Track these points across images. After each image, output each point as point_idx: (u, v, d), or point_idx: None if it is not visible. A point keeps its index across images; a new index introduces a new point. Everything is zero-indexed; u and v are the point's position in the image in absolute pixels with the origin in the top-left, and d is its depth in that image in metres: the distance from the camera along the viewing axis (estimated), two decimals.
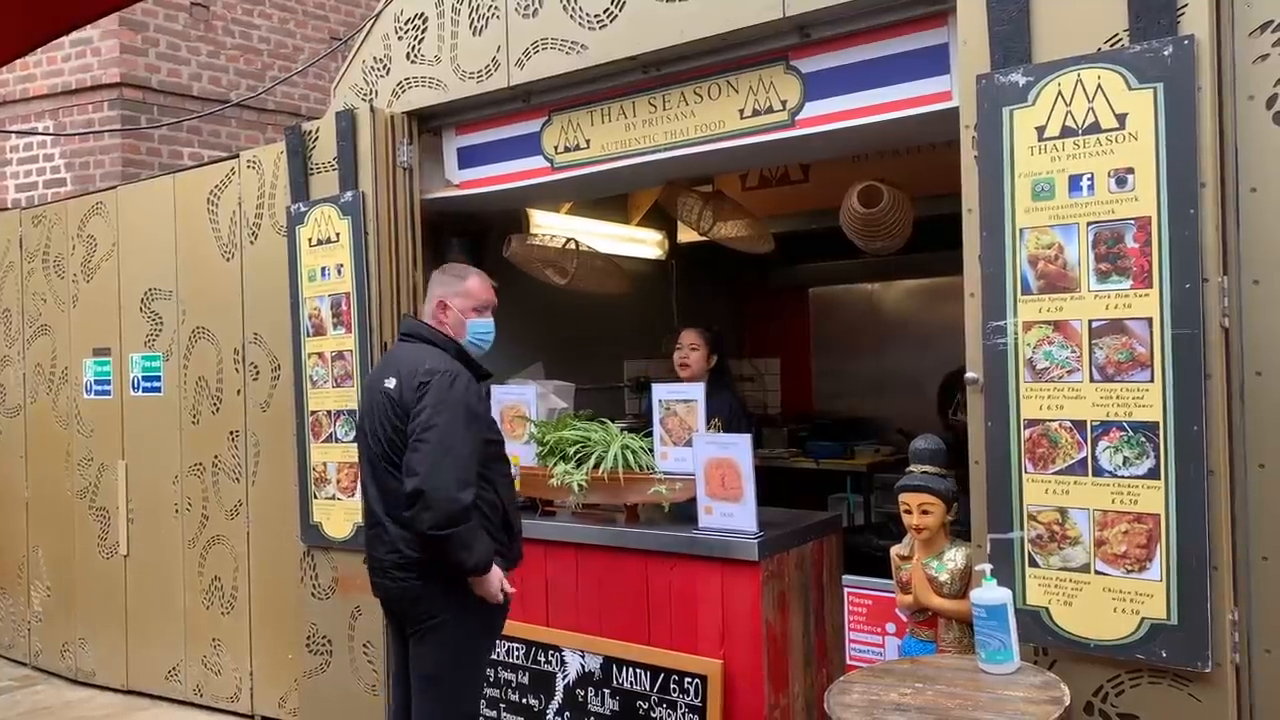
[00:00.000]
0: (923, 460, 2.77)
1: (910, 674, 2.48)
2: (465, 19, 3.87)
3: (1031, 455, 2.51)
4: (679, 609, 3.44)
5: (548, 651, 3.72)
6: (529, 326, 5.21)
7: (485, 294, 3.01)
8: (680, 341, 4.39)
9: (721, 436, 3.43)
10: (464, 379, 2.85)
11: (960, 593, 2.70)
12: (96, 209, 5.20)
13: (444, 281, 3.06)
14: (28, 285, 5.57)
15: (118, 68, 5.79)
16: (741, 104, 3.38)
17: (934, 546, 2.75)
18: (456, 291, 2.98)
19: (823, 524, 3.68)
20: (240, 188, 4.55)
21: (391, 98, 4.09)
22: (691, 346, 4.35)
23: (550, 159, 3.90)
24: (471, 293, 2.98)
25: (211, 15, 6.26)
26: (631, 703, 3.47)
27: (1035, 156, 2.49)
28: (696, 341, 4.35)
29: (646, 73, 3.53)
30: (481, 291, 3.00)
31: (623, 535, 3.58)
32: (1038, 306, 2.50)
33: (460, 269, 3.09)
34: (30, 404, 5.59)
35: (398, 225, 4.02)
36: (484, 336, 3.02)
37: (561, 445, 3.76)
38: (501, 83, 3.78)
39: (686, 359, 4.32)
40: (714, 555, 3.33)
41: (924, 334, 5.96)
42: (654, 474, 3.55)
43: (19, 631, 5.67)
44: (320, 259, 4.04)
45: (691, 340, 4.36)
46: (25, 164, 6.10)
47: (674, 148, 3.55)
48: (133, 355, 5.02)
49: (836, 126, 3.20)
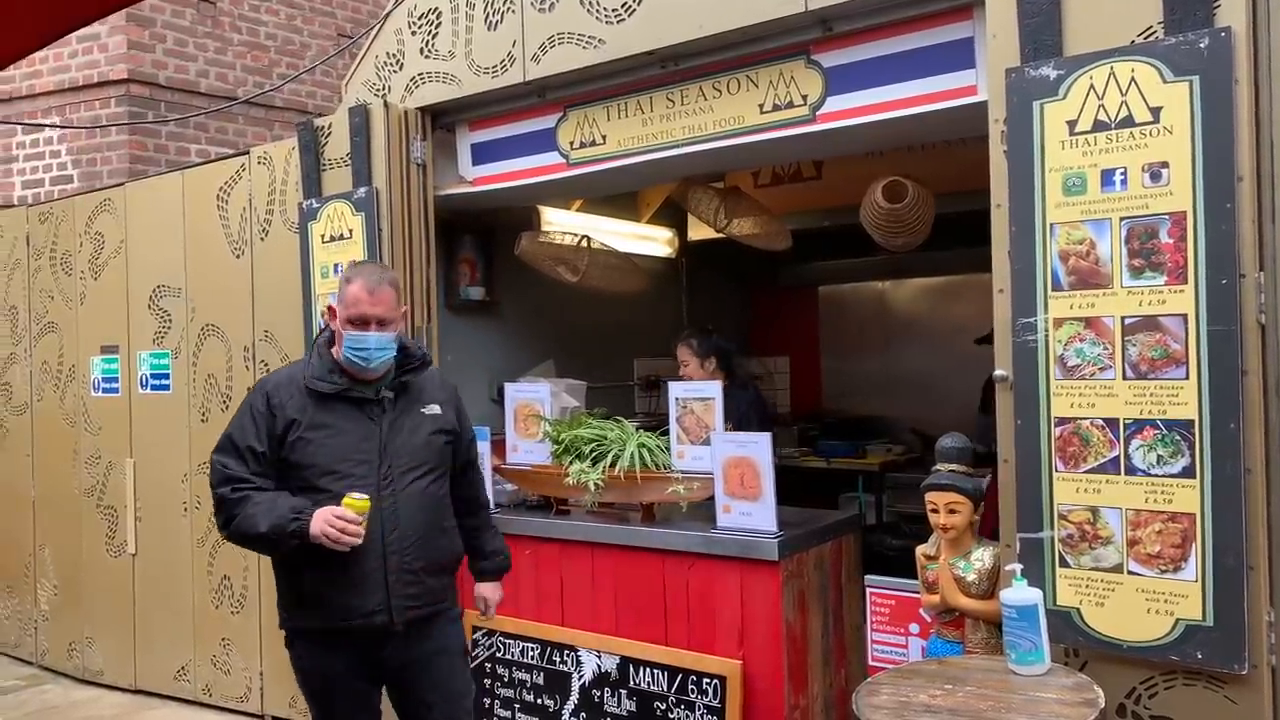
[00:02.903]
0: (949, 459, 2.74)
1: (939, 675, 2.45)
2: (480, 13, 3.83)
3: (1062, 454, 2.48)
4: (697, 609, 3.41)
5: (563, 651, 3.68)
6: (539, 324, 5.18)
7: (356, 306, 2.57)
8: (676, 357, 4.38)
9: (740, 435, 3.40)
10: (260, 389, 2.65)
11: (988, 593, 2.67)
12: (104, 206, 5.16)
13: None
14: (35, 282, 5.54)
15: (125, 64, 5.76)
16: (761, 99, 3.35)
17: (961, 546, 2.72)
18: (339, 297, 2.64)
19: (841, 523, 3.64)
20: (251, 184, 4.51)
21: (404, 93, 4.05)
22: (683, 363, 4.32)
23: (566, 155, 3.86)
24: (345, 300, 2.60)
25: (219, 11, 6.23)
26: (649, 703, 3.44)
27: (1066, 151, 2.46)
28: (685, 356, 4.32)
29: (664, 67, 3.50)
30: (354, 301, 2.57)
31: (639, 534, 3.54)
32: (1069, 303, 2.47)
33: (353, 270, 2.68)
34: (37, 402, 5.55)
35: (411, 222, 3.99)
36: (358, 353, 2.57)
37: (577, 444, 3.73)
38: (517, 78, 3.75)
39: (683, 374, 4.31)
40: (733, 555, 3.30)
41: (935, 333, 5.92)
42: (671, 473, 3.52)
43: (25, 630, 5.63)
44: (333, 255, 4.00)
45: (682, 356, 4.33)
46: (32, 160, 6.07)
47: (692, 143, 3.51)
48: (141, 353, 4.99)
49: (859, 121, 3.16)
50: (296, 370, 2.70)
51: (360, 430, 2.60)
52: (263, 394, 2.63)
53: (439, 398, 2.79)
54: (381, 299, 2.59)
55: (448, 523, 2.76)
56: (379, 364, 2.61)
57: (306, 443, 2.57)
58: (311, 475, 2.55)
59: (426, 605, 2.65)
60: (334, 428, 2.58)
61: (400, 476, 2.61)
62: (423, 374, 2.77)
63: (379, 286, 2.60)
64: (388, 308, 2.60)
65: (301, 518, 2.45)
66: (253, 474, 2.55)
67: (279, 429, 2.57)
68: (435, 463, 2.71)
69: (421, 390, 2.76)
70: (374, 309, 2.57)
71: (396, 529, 2.58)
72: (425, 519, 2.65)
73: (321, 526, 2.42)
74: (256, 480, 2.55)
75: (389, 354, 2.64)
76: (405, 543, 2.59)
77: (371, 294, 2.58)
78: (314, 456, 2.56)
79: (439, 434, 2.74)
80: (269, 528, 2.46)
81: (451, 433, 2.79)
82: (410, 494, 2.62)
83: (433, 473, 2.69)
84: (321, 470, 2.55)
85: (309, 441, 2.57)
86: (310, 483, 2.55)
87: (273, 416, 2.58)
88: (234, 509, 2.54)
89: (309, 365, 2.67)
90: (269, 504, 2.50)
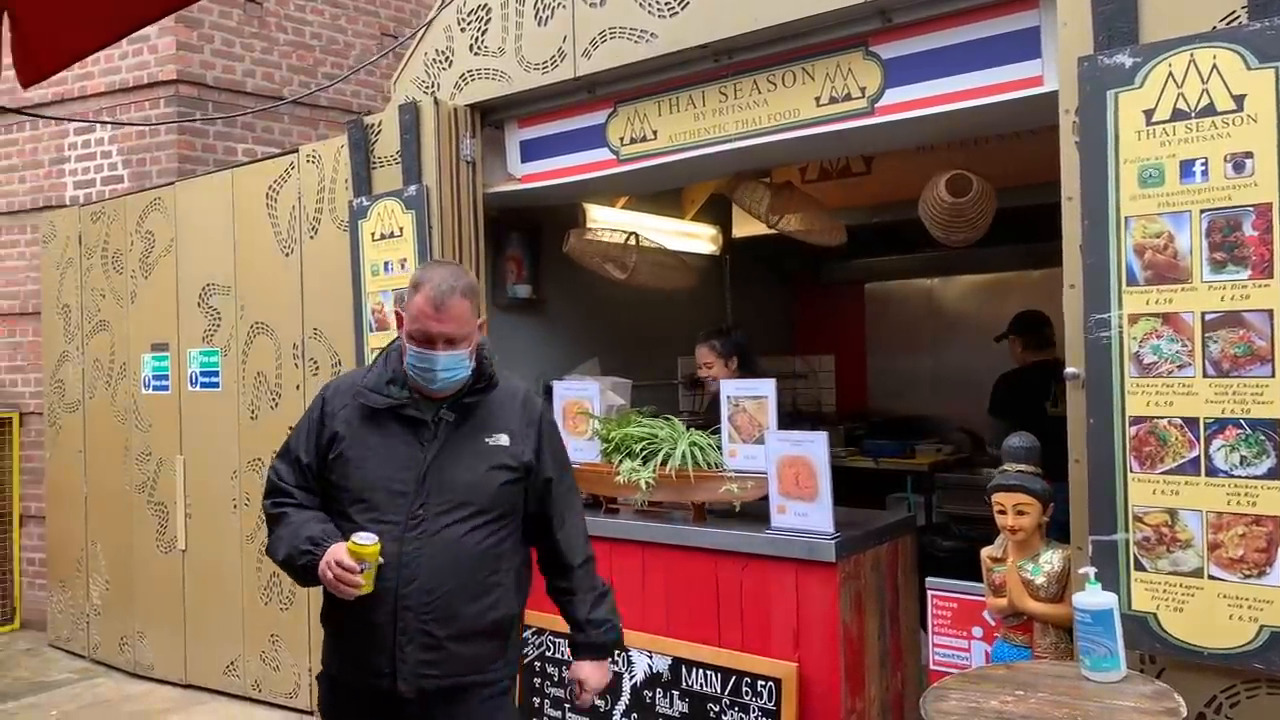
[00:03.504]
0: (1017, 459, 2.67)
1: (1008, 680, 2.38)
2: (530, 9, 3.81)
3: (1138, 454, 2.40)
4: (750, 610, 3.36)
5: None
6: (583, 322, 5.16)
7: (420, 322, 2.18)
8: (696, 360, 4.30)
9: (795, 434, 3.34)
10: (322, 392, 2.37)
11: (1057, 596, 2.60)
12: (155, 205, 5.21)
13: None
14: (86, 281, 5.60)
15: (174, 65, 5.80)
16: (818, 91, 3.29)
17: (1029, 549, 2.65)
18: (406, 305, 2.25)
19: (897, 525, 3.58)
20: (300, 182, 4.53)
21: (454, 90, 4.04)
22: (706, 365, 4.24)
23: (616, 151, 3.83)
24: (410, 311, 2.22)
25: (265, 11, 6.26)
26: (702, 705, 3.40)
27: (1143, 141, 2.38)
28: (709, 359, 4.22)
29: (717, 61, 3.46)
30: (417, 315, 2.19)
31: (692, 534, 3.50)
32: (1145, 298, 2.39)
33: (423, 273, 2.25)
34: (89, 399, 5.62)
35: (461, 220, 3.98)
36: (421, 372, 2.21)
37: (627, 442, 3.69)
38: (567, 73, 3.72)
39: (706, 376, 4.25)
40: (789, 556, 3.25)
41: (985, 331, 5.81)
42: (724, 472, 3.48)
43: (78, 625, 5.71)
44: (383, 253, 4.00)
45: (705, 358, 4.23)
46: (83, 161, 6.14)
47: (745, 137, 3.47)
48: (190, 350, 5.03)
49: (919, 114, 3.10)
50: (359, 377, 2.38)
51: (403, 455, 2.21)
52: (320, 399, 2.36)
53: (513, 425, 2.30)
54: (451, 313, 2.17)
55: (497, 578, 2.23)
56: (447, 385, 2.23)
57: (346, 462, 2.23)
58: (345, 501, 2.22)
59: (451, 675, 2.18)
60: (376, 448, 2.22)
61: (435, 517, 2.17)
62: (494, 394, 2.31)
63: (448, 299, 2.17)
64: (459, 324, 2.18)
65: (315, 552, 2.13)
66: (298, 486, 2.29)
67: (325, 440, 2.27)
68: (487, 505, 2.22)
69: (490, 415, 2.29)
70: (441, 326, 2.17)
71: (415, 581, 2.13)
72: (458, 573, 2.17)
73: (322, 569, 2.10)
74: (299, 495, 2.28)
75: (459, 375, 2.23)
76: (426, 599, 2.14)
77: (438, 309, 2.16)
78: (349, 479, 2.22)
79: (502, 470, 2.25)
80: (285, 556, 2.19)
81: (521, 469, 2.28)
82: (443, 540, 2.16)
83: (481, 516, 2.21)
84: (354, 496, 2.21)
85: (348, 461, 2.23)
86: (343, 509, 2.22)
87: (322, 425, 2.29)
88: (270, 526, 2.30)
89: (369, 373, 2.33)
90: (296, 528, 2.20)
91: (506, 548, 2.27)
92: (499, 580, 2.23)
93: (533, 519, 2.35)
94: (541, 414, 2.38)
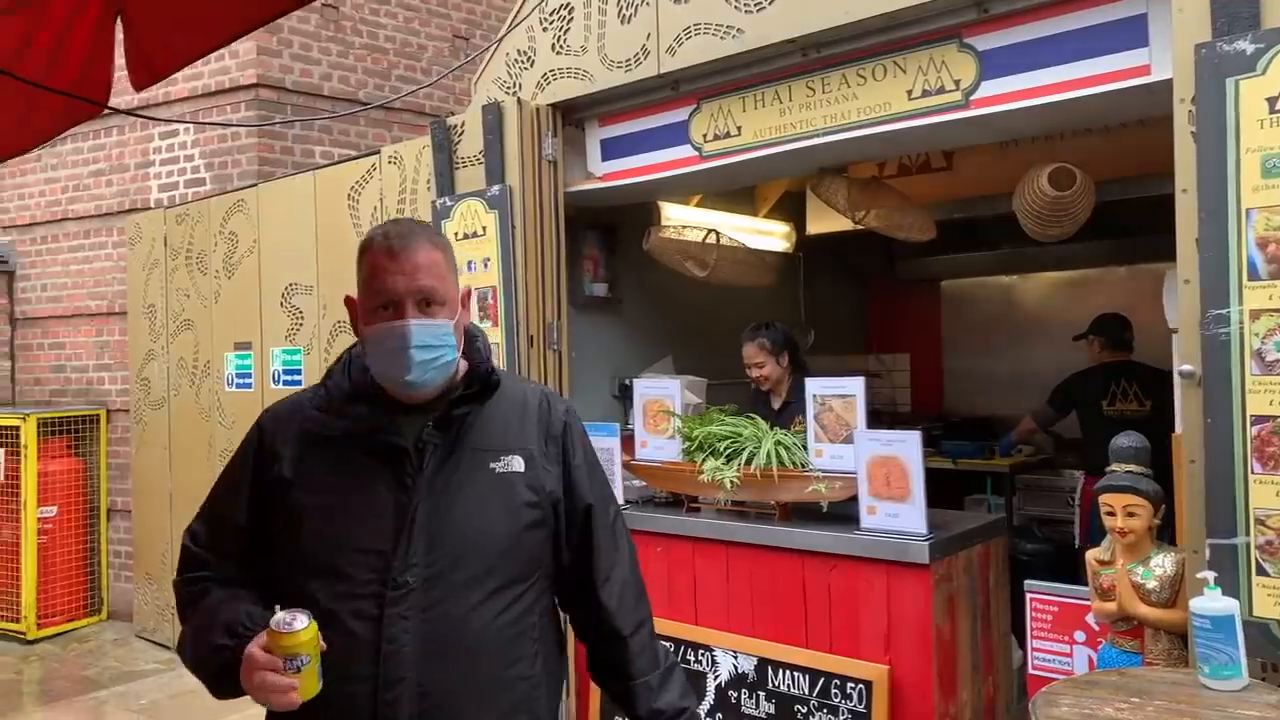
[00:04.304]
0: (1126, 459, 2.59)
1: (1121, 687, 2.31)
2: (613, 7, 3.80)
3: (1260, 455, 2.31)
4: (839, 611, 3.31)
5: (697, 650, 3.63)
6: (657, 320, 5.14)
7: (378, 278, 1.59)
8: (745, 359, 4.23)
9: (886, 433, 3.29)
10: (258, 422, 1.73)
11: (1169, 601, 2.52)
12: (238, 206, 5.32)
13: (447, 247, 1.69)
14: (172, 282, 5.74)
15: (254, 69, 5.93)
16: (910, 85, 3.23)
17: (1139, 552, 2.57)
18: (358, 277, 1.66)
19: (988, 526, 3.50)
20: (381, 183, 4.58)
21: (536, 90, 4.06)
22: (757, 364, 4.17)
23: (698, 148, 3.81)
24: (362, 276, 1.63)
25: (341, 16, 6.36)
26: (789, 706, 3.36)
27: (1266, 130, 2.29)
28: (760, 357, 4.16)
29: (805, 56, 3.42)
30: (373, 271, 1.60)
31: (779, 534, 3.46)
32: (1268, 293, 2.30)
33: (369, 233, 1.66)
34: (173, 397, 5.76)
35: (543, 219, 3.99)
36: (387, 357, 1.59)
37: (710, 440, 3.67)
38: (651, 71, 3.71)
39: (758, 375, 4.18)
40: (880, 557, 3.19)
41: (1067, 329, 5.68)
42: (811, 472, 3.43)
43: (163, 616, 5.85)
44: (467, 253, 4.03)
45: (756, 357, 4.17)
46: (167, 165, 6.30)
47: (833, 132, 3.42)
48: (274, 349, 5.12)
49: (1016, 106, 3.03)
50: (306, 398, 1.69)
51: (378, 501, 1.56)
52: (255, 431, 1.70)
53: (528, 441, 1.66)
54: (417, 259, 1.56)
55: (521, 669, 1.59)
56: (429, 373, 1.57)
57: (297, 516, 1.57)
58: (299, 572, 1.57)
59: None
60: (338, 493, 1.58)
61: (429, 586, 1.53)
62: (495, 401, 1.66)
63: (410, 240, 1.57)
64: (432, 275, 1.57)
65: (231, 645, 1.50)
66: (224, 555, 1.65)
67: (264, 489, 1.63)
68: (502, 562, 1.58)
69: (494, 429, 1.64)
70: (407, 279, 1.55)
71: (404, 681, 1.50)
72: (465, 666, 1.54)
73: (246, 674, 1.47)
74: (224, 569, 1.64)
75: (443, 357, 1.58)
76: (419, 706, 1.50)
77: (398, 253, 1.55)
78: (303, 540, 1.57)
79: (521, 508, 1.61)
80: (193, 658, 1.59)
81: (545, 503, 1.64)
82: (442, 619, 1.52)
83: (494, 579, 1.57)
84: (311, 565, 1.56)
85: (300, 514, 1.57)
86: (299, 585, 1.56)
87: (258, 468, 1.64)
88: (182, 613, 1.66)
89: (319, 391, 1.67)
90: (208, 616, 1.58)
91: (534, 622, 1.62)
92: (524, 672, 1.60)
93: (567, 571, 1.70)
94: (567, 420, 1.73)
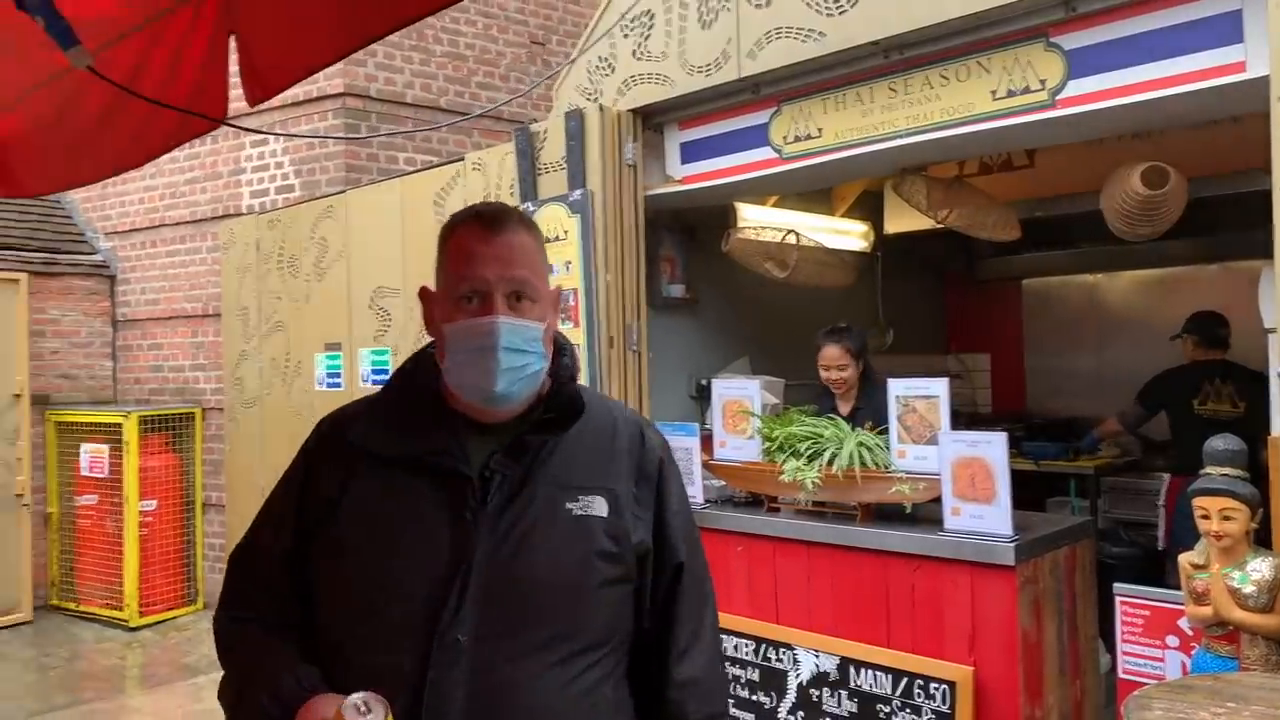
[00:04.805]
0: (1220, 462, 2.56)
1: (1217, 692, 2.29)
2: (694, 13, 3.86)
3: None
4: (922, 612, 3.32)
5: (779, 649, 3.66)
6: (733, 321, 5.18)
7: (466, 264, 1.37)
8: (825, 361, 4.09)
9: (971, 435, 3.28)
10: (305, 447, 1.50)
11: (1268, 606, 2.47)
12: (328, 212, 5.51)
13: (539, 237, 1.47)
14: (264, 285, 5.97)
15: (341, 78, 6.13)
16: (994, 85, 3.22)
17: (1234, 556, 2.53)
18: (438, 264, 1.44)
19: (1075, 529, 3.47)
20: (465, 189, 4.71)
21: (617, 96, 4.13)
22: (839, 367, 4.05)
23: (779, 149, 3.84)
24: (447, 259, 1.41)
25: (423, 24, 6.54)
26: (871, 705, 3.38)
27: None
28: (843, 360, 4.04)
29: (888, 57, 3.43)
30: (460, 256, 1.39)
31: (861, 535, 3.47)
32: None
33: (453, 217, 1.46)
34: (266, 395, 5.98)
35: (623, 222, 4.07)
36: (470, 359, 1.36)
37: (791, 441, 3.70)
38: (731, 75, 3.76)
39: (838, 378, 4.08)
40: (964, 558, 3.19)
41: (1152, 329, 5.56)
42: (894, 473, 3.44)
43: None
44: (550, 256, 4.11)
45: (839, 360, 4.04)
46: (259, 172, 6.55)
47: (916, 133, 3.42)
48: (362, 350, 5.30)
49: (1104, 105, 3.00)
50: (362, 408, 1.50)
51: (430, 537, 1.33)
52: (305, 448, 1.49)
53: (614, 480, 1.41)
54: (513, 243, 1.36)
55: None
56: (516, 384, 1.35)
57: (337, 548, 1.36)
58: (335, 616, 1.36)
59: None
60: (388, 525, 1.35)
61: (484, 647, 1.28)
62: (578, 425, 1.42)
63: (504, 221, 1.38)
64: (527, 263, 1.37)
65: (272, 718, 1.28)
66: (268, 589, 1.43)
67: (310, 514, 1.41)
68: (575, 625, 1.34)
69: (575, 461, 1.40)
70: (501, 267, 1.34)
71: None
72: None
73: None
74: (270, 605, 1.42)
75: (534, 365, 1.37)
76: None
77: (488, 239, 1.35)
78: (341, 579, 1.36)
79: (600, 560, 1.36)
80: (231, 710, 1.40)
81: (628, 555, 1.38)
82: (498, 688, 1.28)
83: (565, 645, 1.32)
84: (348, 610, 1.34)
85: (340, 547, 1.36)
86: (333, 638, 1.35)
87: (305, 490, 1.43)
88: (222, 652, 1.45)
89: (377, 402, 1.48)
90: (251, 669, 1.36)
91: (607, 695, 1.36)
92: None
93: (646, 635, 1.43)
94: (663, 457, 1.48)
